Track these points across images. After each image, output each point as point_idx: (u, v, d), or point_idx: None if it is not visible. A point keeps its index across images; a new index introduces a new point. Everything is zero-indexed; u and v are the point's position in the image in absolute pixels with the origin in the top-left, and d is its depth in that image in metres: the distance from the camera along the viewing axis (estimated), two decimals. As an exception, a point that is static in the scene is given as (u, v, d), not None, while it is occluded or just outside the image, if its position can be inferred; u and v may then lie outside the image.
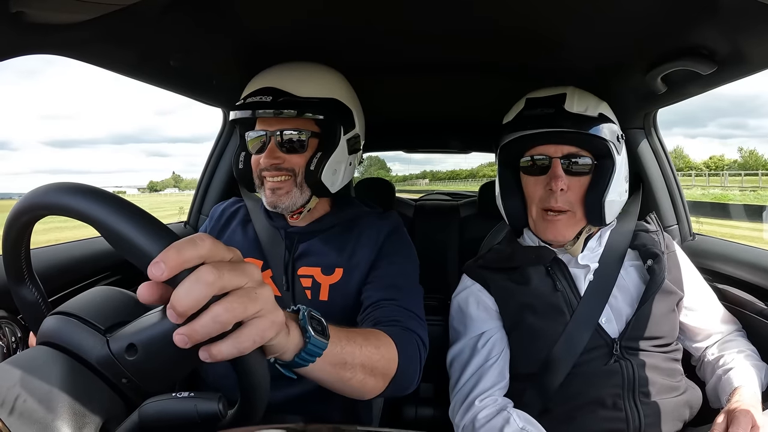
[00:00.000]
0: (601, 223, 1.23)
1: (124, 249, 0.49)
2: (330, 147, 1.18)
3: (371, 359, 0.83)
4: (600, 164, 1.21)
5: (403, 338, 0.97)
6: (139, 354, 0.58)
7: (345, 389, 0.82)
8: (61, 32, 0.82)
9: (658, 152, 1.65)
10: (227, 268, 0.49)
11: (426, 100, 1.98)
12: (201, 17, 1.07)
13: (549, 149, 1.21)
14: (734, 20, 0.94)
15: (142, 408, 0.59)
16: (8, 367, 0.59)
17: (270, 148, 1.15)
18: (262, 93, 1.13)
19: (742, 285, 1.36)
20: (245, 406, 0.60)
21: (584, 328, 1.17)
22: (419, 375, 1.00)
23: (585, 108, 1.20)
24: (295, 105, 1.12)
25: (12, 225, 0.62)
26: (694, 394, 1.19)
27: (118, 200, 0.51)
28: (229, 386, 0.58)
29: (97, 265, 1.39)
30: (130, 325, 0.61)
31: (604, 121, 1.20)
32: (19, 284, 0.70)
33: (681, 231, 1.67)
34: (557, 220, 1.22)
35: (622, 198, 1.24)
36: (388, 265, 1.17)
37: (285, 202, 1.17)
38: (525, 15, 1.11)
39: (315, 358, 0.68)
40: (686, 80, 1.23)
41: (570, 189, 1.20)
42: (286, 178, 1.17)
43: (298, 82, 1.15)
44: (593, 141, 1.19)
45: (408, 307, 1.08)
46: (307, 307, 0.70)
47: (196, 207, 1.96)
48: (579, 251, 1.25)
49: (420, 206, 2.64)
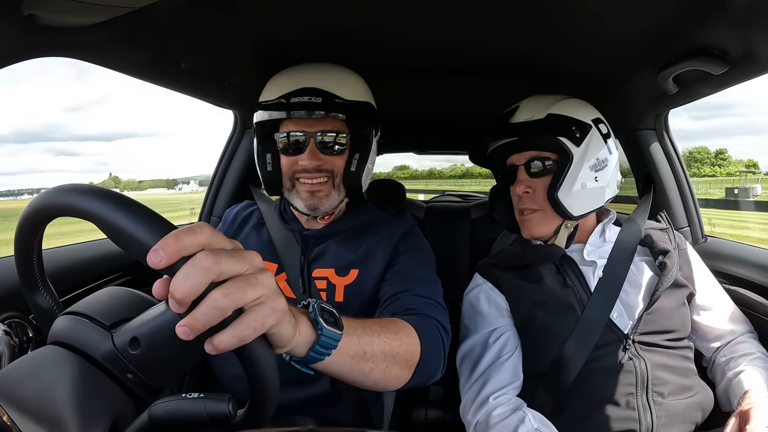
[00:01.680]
0: (569, 216, 1.26)
1: (124, 242, 0.50)
2: (366, 149, 1.19)
3: (391, 346, 0.82)
4: (560, 161, 1.26)
5: (423, 324, 0.95)
6: (143, 347, 0.58)
7: (368, 382, 0.81)
8: (72, 35, 0.83)
9: (670, 154, 1.64)
10: (225, 255, 0.49)
11: (437, 101, 1.97)
12: (214, 19, 1.07)
13: (515, 158, 1.34)
14: (745, 19, 0.93)
15: (152, 408, 0.59)
16: (19, 366, 0.59)
17: (310, 149, 1.14)
18: (308, 93, 1.12)
19: (754, 287, 1.35)
20: (255, 407, 0.60)
21: (595, 323, 1.17)
22: (444, 362, 0.99)
23: (532, 114, 1.29)
24: (345, 108, 1.13)
25: (21, 233, 0.62)
26: (706, 396, 1.19)
27: (114, 195, 0.51)
28: (243, 388, 0.58)
29: (109, 266, 1.40)
30: (134, 319, 0.61)
31: (551, 121, 1.27)
32: (32, 291, 0.71)
33: (693, 233, 1.66)
34: (529, 219, 1.32)
35: (590, 187, 1.26)
36: (404, 262, 1.17)
37: (325, 205, 1.18)
38: (536, 17, 1.10)
39: (330, 350, 0.67)
40: (697, 80, 1.22)
41: (536, 190, 1.29)
42: (325, 179, 1.17)
43: (340, 84, 1.15)
44: (542, 142, 1.27)
45: (426, 295, 1.07)
46: (317, 300, 0.69)
47: (207, 209, 1.96)
48: (562, 244, 1.31)
49: (430, 208, 2.63)
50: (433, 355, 0.94)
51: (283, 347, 0.61)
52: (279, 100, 1.15)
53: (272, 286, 0.54)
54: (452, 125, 2.38)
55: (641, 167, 1.67)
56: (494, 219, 1.52)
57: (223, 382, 1.20)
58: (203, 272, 0.47)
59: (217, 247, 0.50)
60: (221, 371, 1.20)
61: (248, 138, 1.90)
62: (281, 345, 0.60)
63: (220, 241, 0.51)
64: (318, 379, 1.09)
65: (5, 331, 0.77)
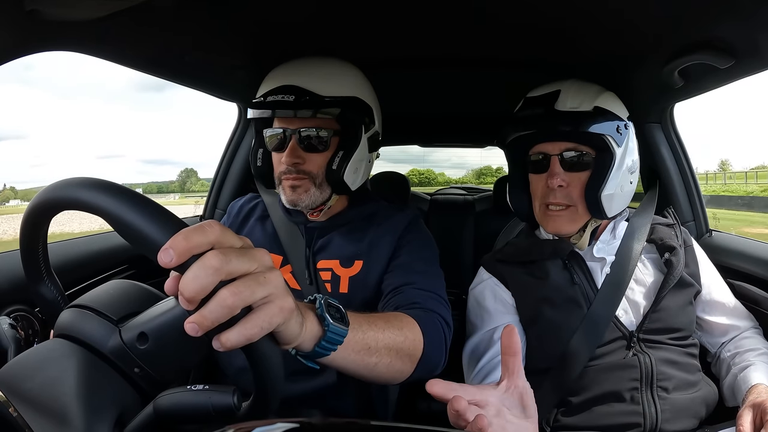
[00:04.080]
0: (603, 216, 1.22)
1: (134, 239, 0.50)
2: (352, 146, 1.18)
3: (395, 341, 0.83)
4: (599, 158, 1.21)
5: (425, 318, 0.97)
6: (150, 342, 0.59)
7: (372, 376, 0.82)
8: (75, 29, 0.83)
9: (675, 148, 1.63)
10: (235, 254, 0.49)
11: (441, 93, 1.96)
12: (216, 12, 1.07)
13: (547, 147, 1.23)
14: (752, 12, 0.92)
15: (157, 400, 0.59)
16: (25, 360, 0.60)
17: (291, 146, 1.15)
18: (283, 91, 1.12)
19: (758, 282, 1.34)
20: (259, 399, 0.61)
21: (601, 320, 1.17)
22: (446, 355, 1.00)
23: (579, 103, 1.19)
24: (318, 105, 1.11)
25: (27, 224, 0.63)
26: (710, 392, 1.18)
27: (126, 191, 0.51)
28: (248, 380, 0.58)
29: (114, 259, 1.41)
30: (142, 314, 0.62)
31: (599, 114, 1.19)
32: (37, 282, 0.71)
33: (697, 227, 1.65)
34: (558, 216, 1.24)
35: (626, 190, 1.23)
36: (407, 254, 1.18)
37: (305, 201, 1.17)
38: (541, 8, 1.10)
39: (336, 346, 0.68)
40: (703, 74, 1.21)
41: (570, 184, 1.22)
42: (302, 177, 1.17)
43: (320, 80, 1.14)
44: (587, 136, 1.19)
45: (428, 288, 1.08)
46: (323, 296, 0.70)
47: (211, 202, 1.97)
48: (586, 244, 1.26)
49: (435, 201, 2.63)
50: (435, 350, 0.95)
51: (289, 344, 0.62)
52: (260, 99, 1.15)
53: (280, 284, 0.54)
54: (458, 117, 2.37)
55: (647, 161, 1.66)
56: (499, 212, 1.50)
57: (228, 374, 1.21)
58: (213, 272, 0.47)
59: (226, 245, 0.50)
60: (227, 363, 1.21)
61: (252, 131, 1.90)
62: (288, 342, 0.61)
63: (230, 239, 0.51)
64: (324, 371, 1.10)
65: (11, 325, 0.77)
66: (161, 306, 0.61)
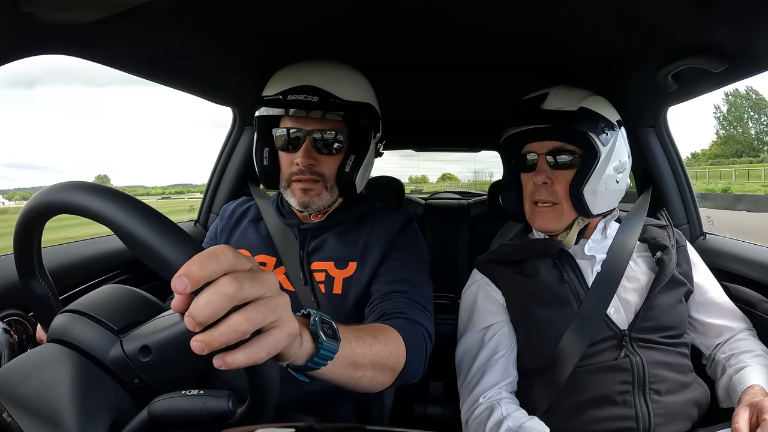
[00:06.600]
0: (588, 214, 1.25)
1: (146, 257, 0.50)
2: (363, 150, 1.20)
3: (380, 356, 0.85)
4: (584, 156, 1.24)
5: (409, 331, 0.98)
6: (153, 356, 0.59)
7: (356, 387, 0.84)
8: (70, 32, 0.83)
9: (669, 151, 1.64)
10: (248, 279, 0.50)
11: (437, 98, 1.97)
12: (213, 17, 1.06)
13: (535, 146, 1.28)
14: (744, 16, 0.93)
15: (152, 405, 0.59)
16: (19, 364, 0.59)
17: (305, 147, 1.16)
18: (305, 92, 1.13)
19: (753, 284, 1.35)
20: (254, 406, 0.61)
21: (592, 318, 1.17)
22: (425, 366, 1.02)
23: (565, 104, 1.25)
24: (342, 108, 1.14)
25: (25, 219, 0.62)
26: (702, 393, 1.19)
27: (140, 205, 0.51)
28: (243, 385, 0.59)
29: (108, 264, 1.40)
30: (145, 326, 0.61)
31: (584, 115, 1.23)
32: (29, 277, 0.71)
33: (691, 230, 1.66)
34: (545, 212, 1.28)
35: (611, 188, 1.25)
36: (397, 259, 1.18)
37: (316, 203, 1.19)
38: (535, 12, 1.10)
39: (327, 362, 0.69)
40: (697, 78, 1.22)
41: (556, 182, 1.25)
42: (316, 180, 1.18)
43: (339, 84, 1.15)
44: (572, 134, 1.24)
45: (415, 299, 1.09)
46: (317, 312, 0.71)
47: (206, 206, 1.98)
48: (572, 242, 1.29)
49: (429, 205, 2.63)
50: (416, 362, 0.97)
51: (286, 361, 0.63)
52: (277, 97, 1.15)
53: (288, 309, 0.56)
54: (453, 122, 2.38)
55: (640, 164, 1.66)
56: (494, 216, 1.51)
57: (223, 378, 1.20)
58: (228, 299, 0.48)
59: (239, 269, 0.50)
60: None
61: (247, 135, 1.91)
62: (285, 359, 0.62)
63: (242, 263, 0.51)
64: None
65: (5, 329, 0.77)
66: (165, 320, 0.61)
